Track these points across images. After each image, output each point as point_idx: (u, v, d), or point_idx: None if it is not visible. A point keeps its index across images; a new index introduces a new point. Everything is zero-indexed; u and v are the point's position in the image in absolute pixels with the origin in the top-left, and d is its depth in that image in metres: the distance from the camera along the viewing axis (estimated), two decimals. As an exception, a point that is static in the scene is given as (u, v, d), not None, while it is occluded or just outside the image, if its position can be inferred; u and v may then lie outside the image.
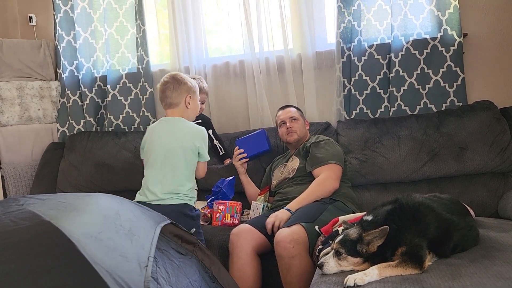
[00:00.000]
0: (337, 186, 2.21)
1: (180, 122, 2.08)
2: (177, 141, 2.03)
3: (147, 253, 0.90)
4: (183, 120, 2.09)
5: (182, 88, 2.08)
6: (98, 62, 3.29)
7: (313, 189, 2.18)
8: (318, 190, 2.17)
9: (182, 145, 2.02)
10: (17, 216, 0.87)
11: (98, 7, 3.24)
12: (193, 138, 2.05)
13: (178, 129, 2.07)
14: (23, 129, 3.18)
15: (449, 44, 2.59)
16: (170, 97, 2.08)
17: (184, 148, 2.02)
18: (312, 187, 2.19)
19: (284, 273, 1.84)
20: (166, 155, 2.03)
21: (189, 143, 2.03)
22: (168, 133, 2.06)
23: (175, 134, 2.05)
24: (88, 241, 0.82)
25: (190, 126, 2.10)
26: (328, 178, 2.19)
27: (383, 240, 1.36)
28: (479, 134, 2.38)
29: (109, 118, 3.22)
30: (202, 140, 2.08)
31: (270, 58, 2.93)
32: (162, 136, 2.07)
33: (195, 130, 2.09)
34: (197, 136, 2.07)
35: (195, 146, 2.04)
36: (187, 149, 2.03)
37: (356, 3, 2.71)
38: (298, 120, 2.50)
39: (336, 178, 2.22)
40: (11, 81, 3.14)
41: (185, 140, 2.03)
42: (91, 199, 1.04)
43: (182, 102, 2.09)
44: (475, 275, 1.27)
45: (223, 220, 2.32)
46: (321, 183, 2.18)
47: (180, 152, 2.02)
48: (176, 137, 2.04)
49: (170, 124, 2.09)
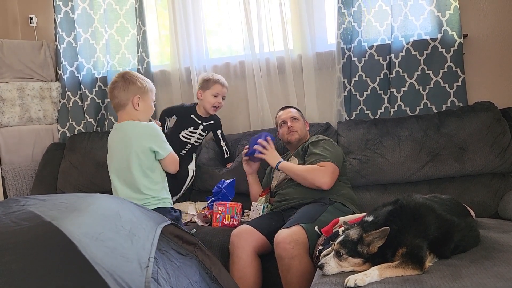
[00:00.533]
0: (327, 183, 2.15)
1: (128, 126, 1.96)
2: (127, 148, 1.93)
3: (147, 254, 0.90)
4: (131, 123, 1.96)
5: (130, 88, 1.95)
6: (98, 63, 3.29)
7: (306, 168, 2.20)
8: (308, 172, 2.18)
9: (134, 150, 1.91)
10: (18, 217, 0.87)
11: (98, 8, 3.24)
12: (141, 139, 1.93)
13: (125, 135, 1.95)
14: (24, 130, 3.19)
15: (450, 45, 2.59)
16: (117, 97, 1.95)
17: (136, 152, 1.91)
18: (307, 167, 2.20)
19: (284, 274, 1.84)
20: (121, 165, 1.95)
21: (139, 146, 1.92)
22: (118, 142, 1.97)
23: (124, 141, 1.94)
24: (89, 242, 0.82)
25: (137, 128, 1.96)
26: (323, 171, 2.17)
27: (383, 241, 1.36)
28: (480, 135, 2.38)
29: (110, 119, 3.22)
30: (151, 138, 1.94)
31: (270, 59, 2.93)
32: (114, 145, 1.99)
33: (141, 129, 1.96)
34: (144, 135, 1.94)
35: (145, 146, 1.92)
36: (139, 153, 1.92)
37: (357, 4, 2.71)
38: (299, 120, 2.50)
39: (329, 175, 2.17)
40: (12, 82, 3.14)
41: (134, 145, 1.92)
42: (91, 199, 1.04)
43: (129, 104, 1.96)
44: (476, 276, 1.27)
45: (224, 221, 2.32)
46: (315, 170, 2.18)
47: (133, 159, 1.92)
48: (126, 144, 1.94)
49: (120, 131, 1.98)
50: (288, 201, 2.25)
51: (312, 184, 2.17)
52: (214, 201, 2.39)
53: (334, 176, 2.21)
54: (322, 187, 2.16)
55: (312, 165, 2.21)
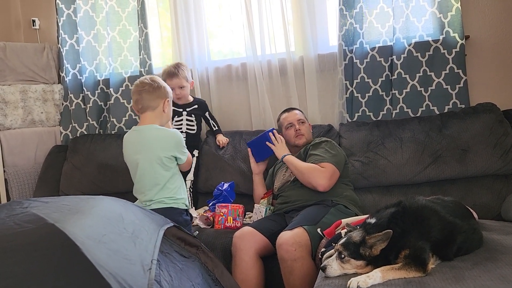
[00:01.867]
0: (324, 185, 2.15)
1: (151, 131, 2.01)
2: (151, 152, 1.97)
3: (150, 256, 0.90)
4: (154, 127, 2.02)
5: (161, 91, 2.03)
6: (100, 65, 3.30)
7: (307, 166, 2.21)
8: (308, 170, 2.19)
9: (157, 155, 1.97)
10: (21, 219, 0.87)
11: (100, 10, 3.25)
12: (165, 144, 1.99)
13: (149, 139, 2.00)
14: (26, 132, 3.20)
15: (451, 46, 2.58)
16: (148, 99, 2.00)
17: (159, 157, 1.97)
18: (309, 165, 2.21)
19: (287, 276, 1.83)
20: (142, 167, 1.99)
21: (162, 151, 1.98)
22: (140, 145, 2.00)
23: (148, 144, 1.99)
24: (92, 244, 0.82)
25: (162, 133, 2.02)
26: (322, 173, 2.16)
27: (386, 243, 1.36)
28: (482, 136, 2.38)
29: (112, 121, 3.23)
30: (176, 146, 2.01)
31: (272, 61, 2.93)
32: (135, 148, 2.02)
33: (168, 136, 2.02)
34: (168, 141, 2.00)
35: (169, 153, 1.99)
36: (162, 158, 1.97)
37: (358, 5, 2.71)
38: (305, 123, 2.52)
39: (329, 178, 2.17)
40: (15, 84, 3.16)
41: (159, 149, 1.98)
42: (94, 202, 1.04)
43: (160, 106, 2.03)
44: (479, 278, 1.26)
45: (226, 223, 2.32)
46: (315, 170, 2.18)
47: (155, 162, 1.97)
48: (149, 148, 1.98)
49: (142, 134, 2.02)
50: (291, 203, 2.25)
51: (308, 183, 2.17)
52: (216, 203, 2.39)
53: (333, 179, 2.20)
54: (317, 188, 2.16)
55: (314, 164, 2.21)
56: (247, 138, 2.82)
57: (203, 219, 2.38)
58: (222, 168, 2.75)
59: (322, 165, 2.20)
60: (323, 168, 2.18)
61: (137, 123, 3.11)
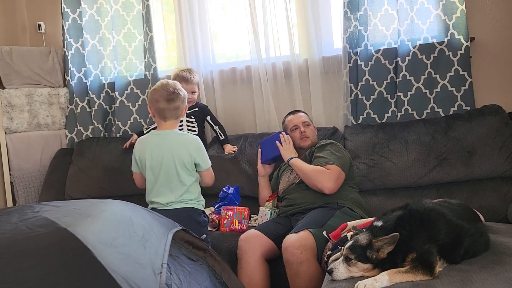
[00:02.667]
0: (330, 188, 2.14)
1: (172, 135, 2.04)
2: (174, 156, 2.00)
3: (160, 260, 0.91)
4: (176, 132, 2.06)
5: (185, 101, 2.08)
6: (106, 68, 3.32)
7: (313, 168, 2.20)
8: (314, 173, 2.19)
9: (180, 160, 2.00)
10: (33, 223, 0.87)
11: (106, 14, 3.27)
12: (188, 149, 2.02)
13: (171, 142, 2.03)
14: (32, 136, 3.21)
15: (456, 49, 2.58)
16: (177, 108, 2.03)
17: (182, 162, 2.00)
18: (315, 167, 2.21)
19: (293, 279, 1.83)
20: (164, 171, 2.01)
21: (185, 156, 2.00)
22: (162, 149, 2.02)
23: (169, 148, 2.01)
24: (103, 248, 0.82)
25: (184, 137, 2.07)
26: (328, 175, 2.16)
27: (393, 246, 1.35)
28: (488, 139, 2.37)
29: (117, 124, 3.24)
30: (197, 149, 2.04)
31: (276, 64, 2.94)
32: (156, 152, 2.03)
33: (189, 140, 2.06)
34: (191, 147, 2.03)
35: (191, 157, 2.02)
36: (183, 162, 2.00)
37: (363, 8, 2.71)
38: (310, 125, 2.52)
39: (335, 180, 2.16)
40: (21, 88, 3.18)
41: (181, 154, 2.00)
42: (104, 206, 1.05)
43: (182, 113, 2.09)
44: (486, 281, 1.26)
45: (231, 226, 2.32)
46: (322, 172, 2.17)
47: (180, 167, 2.00)
48: (173, 152, 2.01)
49: (163, 137, 2.05)
50: (296, 205, 2.25)
51: (314, 186, 2.17)
52: (221, 206, 2.40)
53: (339, 181, 2.20)
54: (323, 191, 2.15)
55: (320, 166, 2.21)
56: (252, 141, 2.83)
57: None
58: (227, 170, 2.75)
59: (327, 167, 2.19)
60: (329, 171, 2.18)
61: (143, 127, 3.20)
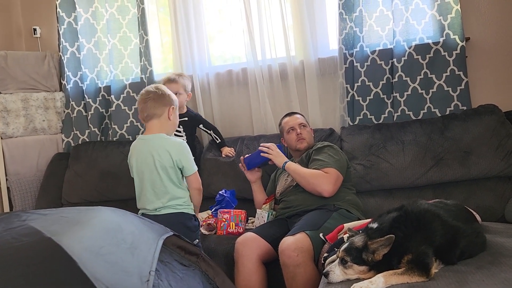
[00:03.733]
0: (329, 191, 2.14)
1: (156, 139, 2.01)
2: (156, 160, 1.97)
3: (148, 267, 0.90)
4: (160, 136, 2.01)
5: (166, 99, 2.03)
6: (102, 72, 3.31)
7: (310, 172, 2.19)
8: (312, 177, 2.17)
9: (161, 164, 1.96)
10: (19, 233, 0.87)
11: (101, 18, 3.27)
12: (170, 153, 1.97)
13: (154, 146, 1.99)
14: (28, 140, 3.20)
15: (452, 49, 2.58)
16: (153, 107, 2.00)
17: (163, 166, 1.97)
18: (312, 171, 2.19)
19: (289, 282, 1.83)
20: (149, 176, 1.99)
21: (167, 160, 1.97)
22: (146, 153, 2.00)
23: (153, 153, 1.98)
24: (89, 257, 0.81)
25: (167, 141, 2.01)
26: (327, 179, 2.15)
27: (388, 248, 1.35)
28: (484, 138, 2.37)
29: (114, 128, 3.23)
30: (180, 153, 1.99)
31: (272, 66, 2.94)
32: (141, 157, 2.01)
33: (172, 144, 2.01)
34: (173, 150, 1.98)
35: (174, 161, 1.97)
36: (167, 167, 1.97)
37: (358, 9, 2.71)
38: (306, 127, 2.51)
39: (333, 183, 2.16)
40: (16, 92, 3.17)
41: (162, 158, 1.97)
42: (93, 213, 1.04)
43: (165, 114, 2.03)
44: (482, 282, 1.25)
45: (228, 229, 2.31)
46: (320, 176, 2.16)
47: (161, 171, 1.97)
48: (155, 157, 1.97)
49: (147, 142, 2.02)
50: (293, 208, 2.24)
51: (313, 190, 2.16)
52: (218, 209, 2.39)
53: (337, 183, 2.19)
54: (323, 194, 2.14)
55: (317, 170, 2.20)
56: (248, 143, 2.83)
57: (205, 225, 2.38)
58: (224, 173, 2.75)
59: (325, 170, 2.19)
60: (327, 174, 2.17)
61: (139, 130, 3.20)
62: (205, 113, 3.05)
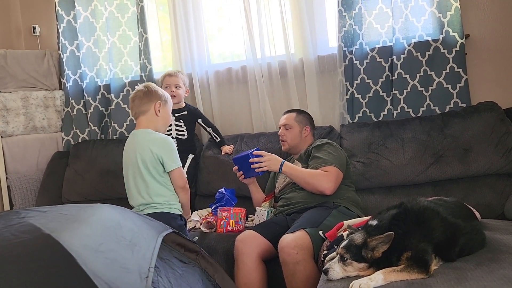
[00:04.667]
0: (330, 188, 2.14)
1: (141, 134, 2.02)
2: (137, 154, 1.98)
3: (148, 264, 0.90)
4: (145, 131, 2.02)
5: (151, 96, 2.05)
6: (101, 70, 3.31)
7: (309, 173, 2.19)
8: (311, 177, 2.16)
9: (142, 158, 1.97)
10: (18, 230, 0.87)
11: (100, 16, 3.26)
12: (151, 147, 1.96)
13: (138, 141, 2.01)
14: (28, 139, 3.21)
15: (451, 46, 2.58)
16: (139, 105, 2.04)
17: (143, 160, 1.97)
18: (311, 171, 2.19)
19: (289, 279, 1.83)
20: (132, 170, 2.00)
21: (147, 154, 1.96)
22: (131, 148, 2.03)
23: (136, 147, 2.00)
24: (88, 254, 0.81)
25: (150, 136, 2.01)
26: (326, 177, 2.15)
27: (388, 245, 1.35)
28: (484, 135, 2.37)
29: (113, 126, 3.23)
30: (161, 148, 1.98)
31: (272, 63, 2.93)
32: (127, 151, 2.05)
33: (153, 138, 2.00)
34: (155, 144, 1.97)
35: (154, 155, 1.96)
36: (147, 161, 1.96)
37: (357, 6, 2.70)
38: (292, 128, 2.46)
39: (333, 180, 2.16)
40: (16, 91, 3.17)
41: (143, 152, 1.97)
42: (92, 210, 1.04)
43: (151, 109, 2.04)
44: (481, 279, 1.25)
45: (228, 227, 2.31)
46: (319, 175, 2.16)
47: (142, 166, 1.97)
48: (137, 151, 1.99)
49: (134, 138, 2.04)
50: (292, 205, 2.24)
51: (314, 189, 2.16)
52: (218, 207, 2.39)
53: (338, 181, 2.19)
54: (325, 192, 2.14)
55: (315, 169, 2.20)
56: (248, 141, 2.82)
57: (205, 223, 2.38)
58: (224, 171, 2.75)
59: (325, 168, 2.19)
60: (327, 172, 2.17)
61: (138, 129, 3.20)
62: (205, 111, 3.05)
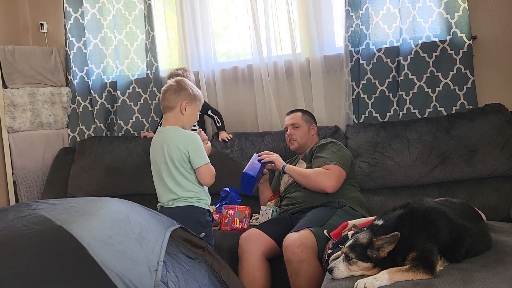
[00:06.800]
0: (332, 186, 2.14)
1: (170, 131, 2.02)
2: (165, 152, 1.98)
3: (156, 258, 0.91)
4: (173, 128, 2.03)
5: (181, 93, 2.04)
6: (108, 68, 3.33)
7: (311, 171, 2.19)
8: (313, 175, 2.17)
9: (169, 156, 1.97)
10: (29, 221, 0.88)
11: (108, 13, 3.28)
12: (179, 145, 1.97)
13: (165, 139, 2.01)
14: (35, 135, 3.22)
15: (459, 47, 2.57)
16: (168, 99, 2.04)
17: (171, 158, 1.97)
18: (312, 170, 2.20)
19: (293, 278, 1.83)
20: (161, 168, 2.01)
21: (175, 152, 1.97)
22: (158, 145, 2.03)
23: (164, 145, 2.00)
24: (98, 245, 0.82)
25: (178, 133, 2.01)
26: (328, 175, 2.16)
27: (393, 245, 1.35)
28: (490, 137, 2.36)
29: (119, 123, 3.25)
30: (188, 145, 1.98)
31: (278, 63, 2.94)
32: (155, 148, 2.05)
33: (181, 136, 2.01)
34: (182, 142, 1.98)
35: (181, 152, 1.96)
36: (174, 159, 1.97)
37: (364, 6, 2.70)
38: (300, 127, 2.47)
39: (335, 178, 2.16)
40: (23, 87, 3.19)
41: (171, 150, 1.98)
42: (101, 203, 1.05)
43: (178, 107, 2.03)
44: (487, 280, 1.25)
45: (232, 225, 2.32)
46: (320, 173, 2.17)
47: (170, 163, 1.97)
48: (165, 148, 1.99)
49: (162, 135, 2.05)
50: (297, 204, 2.24)
51: (316, 187, 2.16)
52: (223, 205, 2.39)
53: (340, 179, 2.19)
54: (326, 190, 2.14)
55: (317, 168, 2.20)
56: (253, 139, 2.82)
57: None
58: (229, 168, 2.75)
59: (327, 167, 2.19)
60: (328, 170, 2.17)
61: (145, 126, 3.21)
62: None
